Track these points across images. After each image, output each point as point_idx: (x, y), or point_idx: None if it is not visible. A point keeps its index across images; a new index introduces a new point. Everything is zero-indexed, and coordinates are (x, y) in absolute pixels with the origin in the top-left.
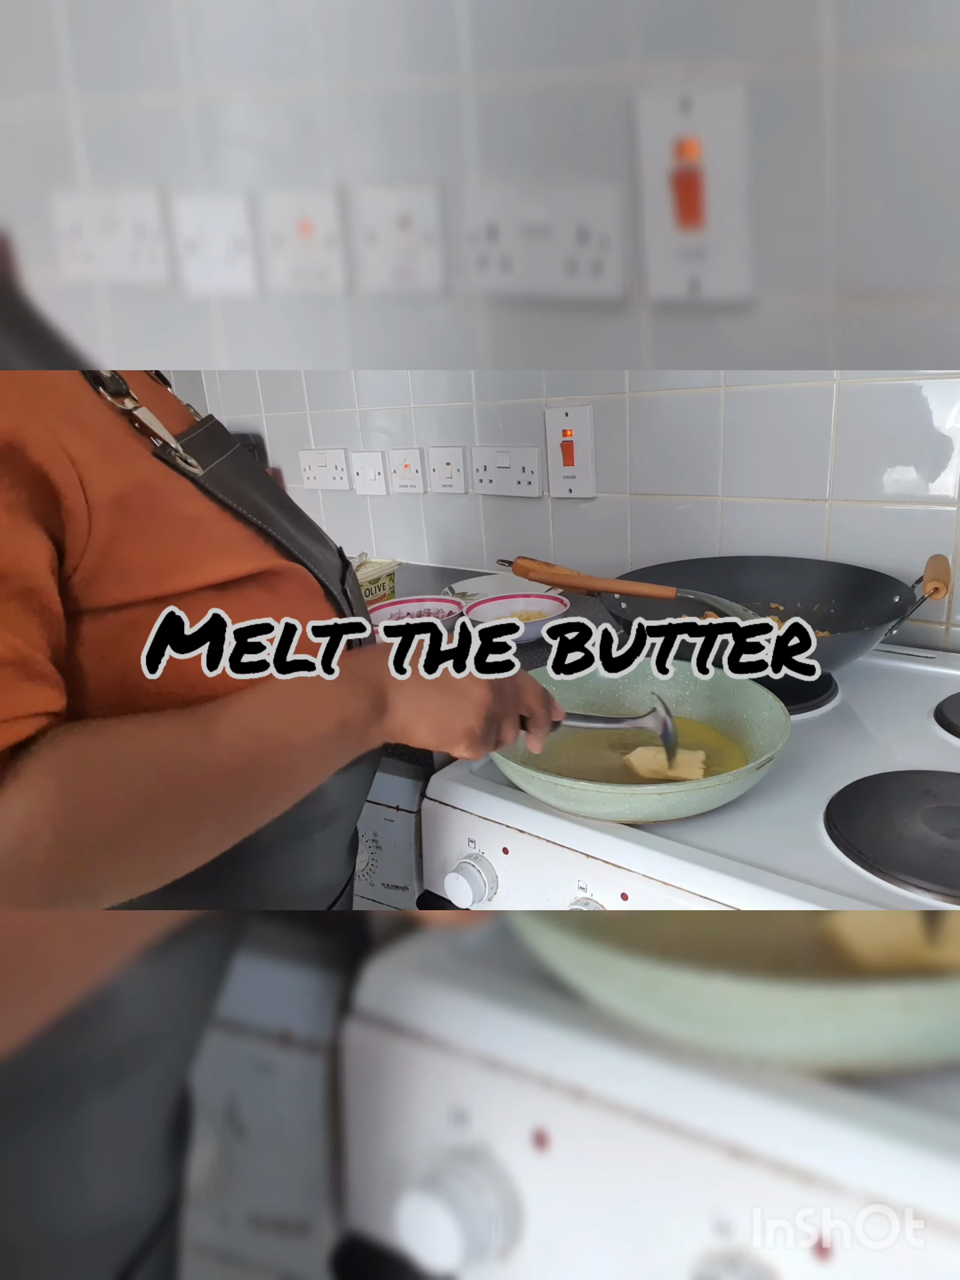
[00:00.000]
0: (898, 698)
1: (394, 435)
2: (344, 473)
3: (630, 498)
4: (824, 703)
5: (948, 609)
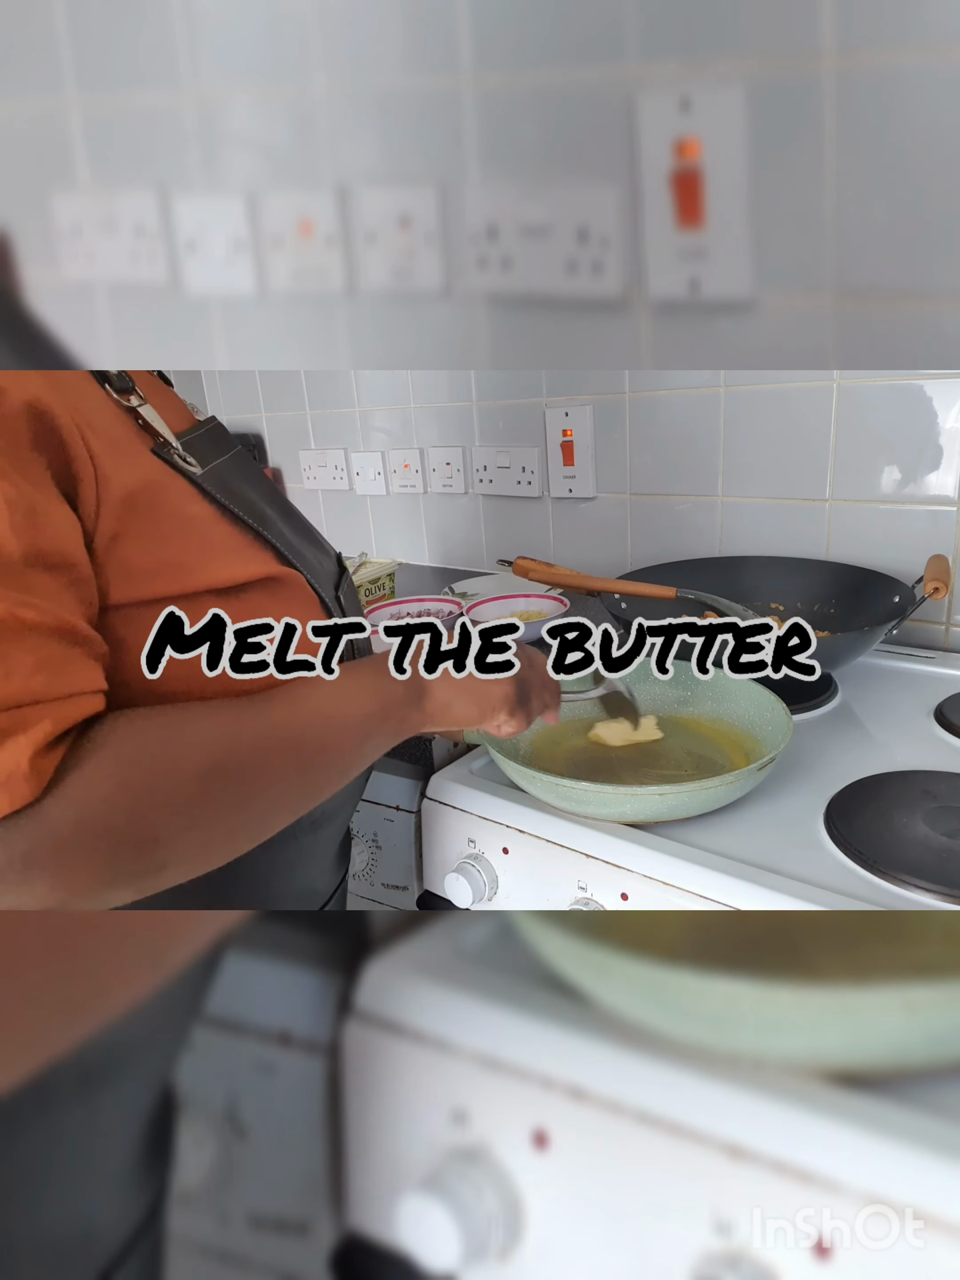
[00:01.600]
0: (898, 698)
1: (394, 435)
2: (344, 473)
3: (630, 498)
4: (824, 703)
5: (948, 609)
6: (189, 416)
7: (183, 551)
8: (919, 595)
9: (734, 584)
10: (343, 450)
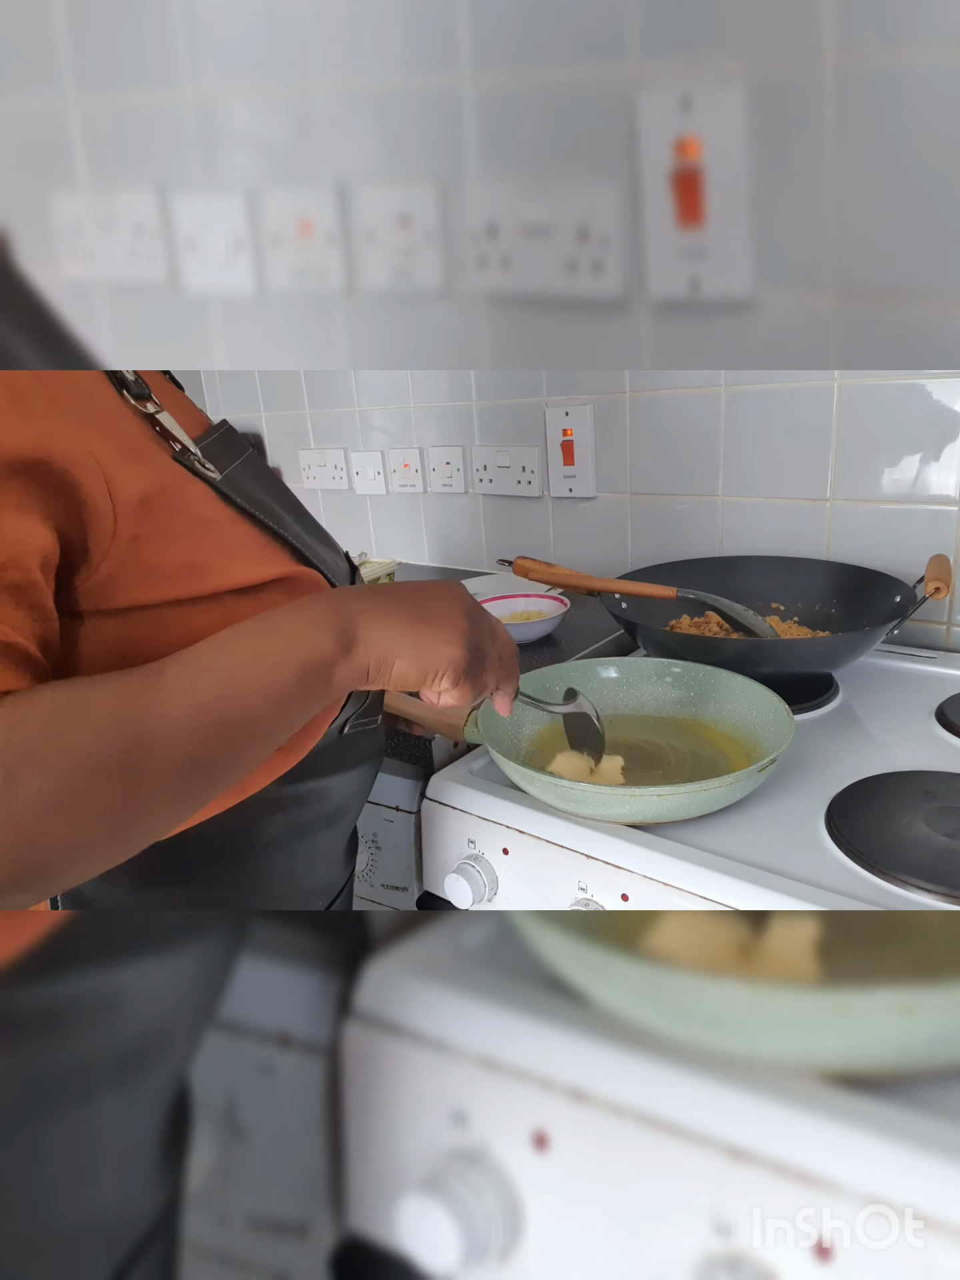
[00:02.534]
0: (899, 698)
1: (394, 435)
2: (344, 472)
3: (630, 497)
4: (825, 703)
5: (949, 609)
6: (204, 421)
7: (202, 553)
8: (920, 595)
9: (734, 584)
10: (343, 450)
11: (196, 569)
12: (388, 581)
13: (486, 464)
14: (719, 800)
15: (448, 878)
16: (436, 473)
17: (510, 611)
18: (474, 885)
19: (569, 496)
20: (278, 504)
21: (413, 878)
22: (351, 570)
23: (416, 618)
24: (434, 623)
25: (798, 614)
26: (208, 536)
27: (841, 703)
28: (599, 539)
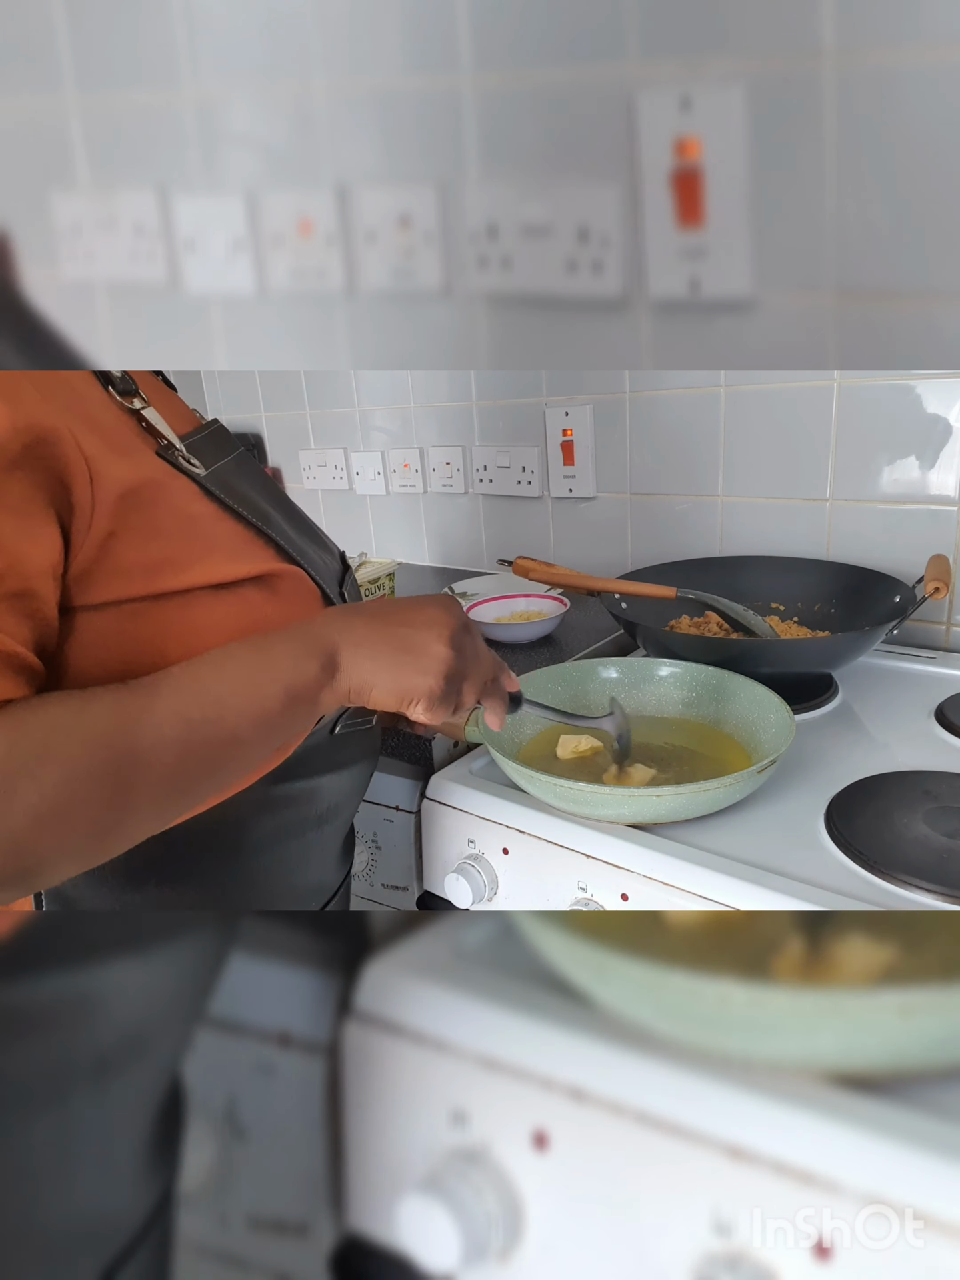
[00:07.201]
0: (898, 698)
1: (394, 435)
2: (344, 472)
3: (630, 498)
4: (824, 703)
5: (948, 609)
6: (194, 420)
7: (179, 548)
8: (919, 595)
9: (734, 584)
10: (343, 450)
11: (173, 563)
12: (387, 582)
13: (486, 464)
14: (719, 801)
15: (448, 877)
16: (436, 473)
17: (510, 611)
18: (474, 885)
19: (569, 496)
20: (267, 502)
21: (413, 877)
22: (344, 569)
23: (398, 647)
24: (414, 651)
25: (797, 614)
26: (188, 532)
27: (841, 703)
28: (599, 539)
